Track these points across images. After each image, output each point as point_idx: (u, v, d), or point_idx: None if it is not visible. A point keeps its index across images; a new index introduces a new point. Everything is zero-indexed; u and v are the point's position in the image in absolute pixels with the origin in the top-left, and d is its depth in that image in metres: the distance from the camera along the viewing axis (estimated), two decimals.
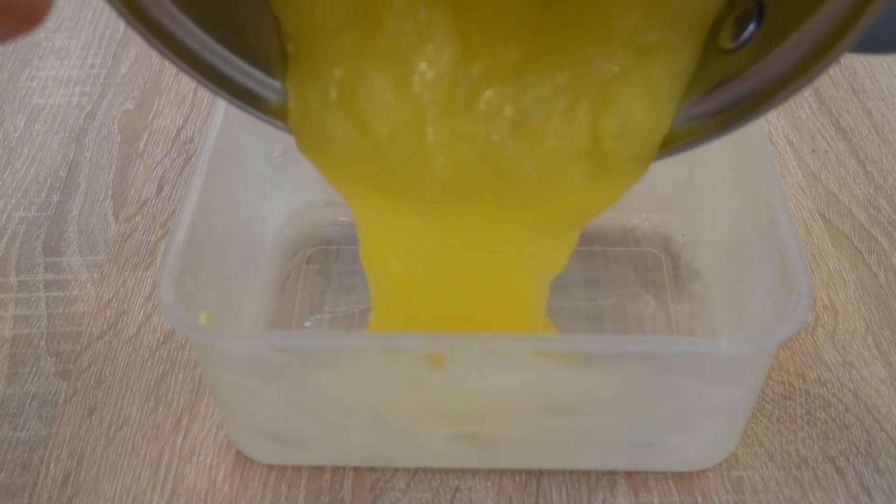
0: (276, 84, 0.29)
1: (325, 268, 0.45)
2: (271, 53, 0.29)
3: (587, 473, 0.37)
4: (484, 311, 0.35)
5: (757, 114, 0.26)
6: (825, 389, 0.40)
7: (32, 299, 0.44)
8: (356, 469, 0.38)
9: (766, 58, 0.25)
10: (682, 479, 0.37)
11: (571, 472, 0.37)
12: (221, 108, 0.39)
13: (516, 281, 0.35)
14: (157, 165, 0.51)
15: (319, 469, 0.38)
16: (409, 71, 0.29)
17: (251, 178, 0.43)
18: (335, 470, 0.38)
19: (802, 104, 0.54)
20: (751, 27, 0.26)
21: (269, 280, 0.44)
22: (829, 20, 0.23)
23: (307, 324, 0.43)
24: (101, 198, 0.49)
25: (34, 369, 0.41)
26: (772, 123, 0.53)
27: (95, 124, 0.54)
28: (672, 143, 0.29)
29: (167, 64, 0.58)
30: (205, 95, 0.56)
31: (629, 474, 0.37)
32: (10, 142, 0.53)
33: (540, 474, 0.37)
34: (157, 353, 0.42)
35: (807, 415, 0.39)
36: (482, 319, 0.35)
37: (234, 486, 0.37)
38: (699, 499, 0.37)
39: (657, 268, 0.45)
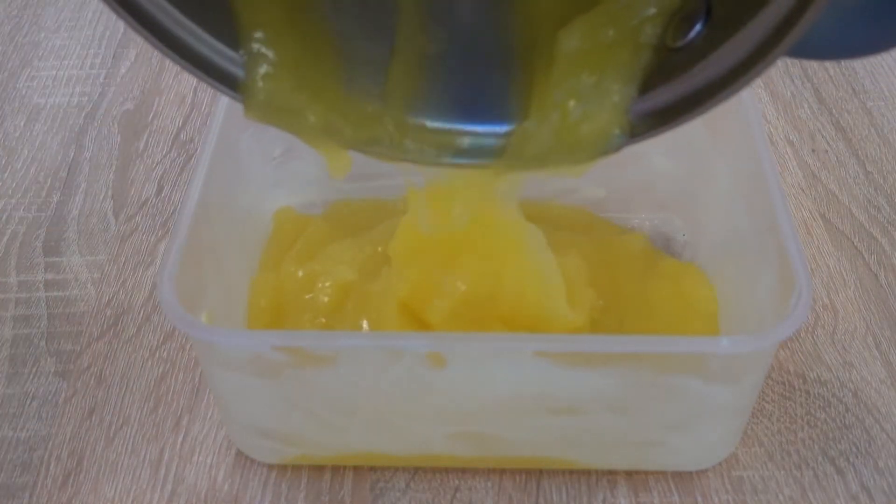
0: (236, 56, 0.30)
1: None
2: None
3: (587, 473, 0.37)
4: None
5: (700, 111, 0.27)
6: (825, 389, 0.40)
7: (32, 299, 0.44)
8: (356, 469, 0.38)
9: (710, 56, 0.26)
10: (682, 479, 0.37)
11: (571, 472, 0.37)
12: (222, 109, 0.39)
13: None
14: (157, 165, 0.51)
15: (319, 469, 0.38)
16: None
17: (251, 178, 0.43)
18: (335, 470, 0.38)
19: (802, 104, 0.54)
20: (697, 27, 0.27)
21: None
22: (769, 23, 0.24)
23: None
24: (101, 198, 0.49)
25: (34, 369, 0.41)
26: (772, 123, 0.53)
27: (95, 124, 0.54)
28: (633, 135, 0.29)
29: (167, 64, 0.58)
30: (205, 95, 0.56)
31: (629, 474, 0.37)
32: (10, 142, 0.53)
33: (540, 474, 0.37)
34: (157, 353, 0.42)
35: (807, 415, 0.39)
36: None
37: (234, 486, 0.37)
38: (699, 499, 0.37)
39: None
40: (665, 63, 0.28)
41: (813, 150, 0.51)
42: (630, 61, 0.28)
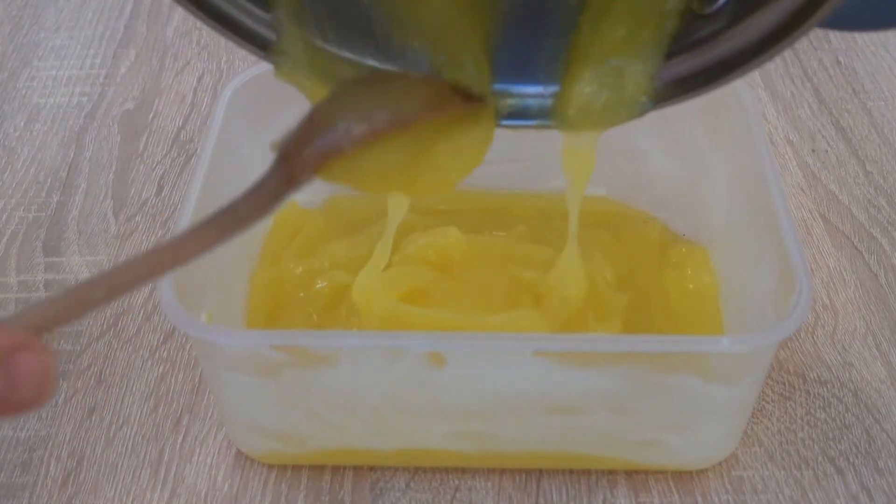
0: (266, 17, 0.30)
1: None
2: None
3: (587, 473, 0.37)
4: None
5: (725, 80, 0.27)
6: (825, 389, 0.40)
7: (32, 299, 0.44)
8: (356, 469, 0.38)
9: (738, 25, 0.26)
10: (682, 479, 0.37)
11: (571, 472, 0.37)
12: (221, 108, 0.39)
13: None
14: (157, 165, 0.51)
15: (319, 469, 0.38)
16: None
17: (251, 178, 0.42)
18: (335, 470, 0.38)
19: (802, 104, 0.54)
20: None
21: None
22: None
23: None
24: (101, 198, 0.49)
25: None
26: (772, 123, 0.53)
27: (95, 124, 0.54)
28: (658, 101, 0.30)
29: (167, 64, 0.59)
30: (205, 95, 0.56)
31: (629, 474, 0.37)
32: (10, 142, 0.53)
33: (540, 474, 0.37)
34: (157, 353, 0.42)
35: (807, 415, 0.39)
36: None
37: (234, 486, 0.37)
38: (699, 499, 0.37)
39: None
40: (692, 30, 0.28)
41: (813, 150, 0.51)
42: (658, 30, 0.28)
